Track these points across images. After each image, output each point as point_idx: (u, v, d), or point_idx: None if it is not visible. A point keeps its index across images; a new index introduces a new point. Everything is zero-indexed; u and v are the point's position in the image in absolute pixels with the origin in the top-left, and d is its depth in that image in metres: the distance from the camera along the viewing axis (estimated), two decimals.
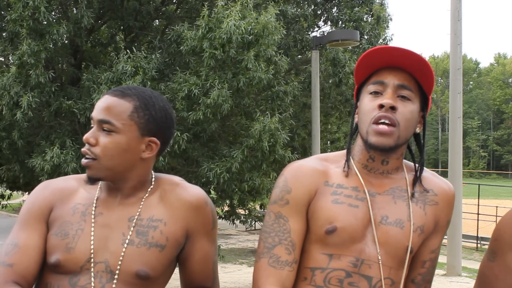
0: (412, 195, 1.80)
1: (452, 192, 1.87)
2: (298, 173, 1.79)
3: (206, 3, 8.89)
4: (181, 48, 9.06)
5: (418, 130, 1.82)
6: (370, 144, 1.73)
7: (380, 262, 1.73)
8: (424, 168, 1.88)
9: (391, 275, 1.75)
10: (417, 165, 1.85)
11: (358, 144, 1.83)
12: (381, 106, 1.71)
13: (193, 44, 8.75)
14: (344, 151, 1.86)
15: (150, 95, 1.79)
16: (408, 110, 1.73)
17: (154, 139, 1.77)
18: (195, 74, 8.93)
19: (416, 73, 1.75)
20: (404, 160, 1.86)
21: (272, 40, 8.91)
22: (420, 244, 1.80)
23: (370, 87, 1.77)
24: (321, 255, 1.75)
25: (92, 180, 1.75)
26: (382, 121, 1.71)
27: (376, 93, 1.75)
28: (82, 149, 1.75)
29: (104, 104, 1.74)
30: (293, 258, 1.74)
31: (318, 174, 1.79)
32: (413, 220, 1.77)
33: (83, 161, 1.74)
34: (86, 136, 1.73)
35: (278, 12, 9.22)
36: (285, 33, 10.97)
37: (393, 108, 1.71)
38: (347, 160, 1.82)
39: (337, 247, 1.73)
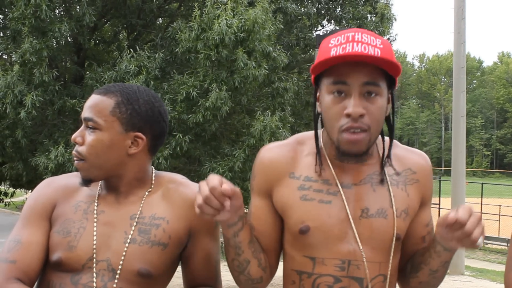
0: (391, 178, 1.72)
1: (429, 164, 1.80)
2: (263, 161, 1.76)
3: (197, 4, 8.88)
4: (176, 49, 9.06)
5: (387, 113, 1.68)
6: (342, 151, 1.63)
7: (365, 260, 1.65)
8: (397, 143, 1.80)
9: (382, 270, 1.67)
10: (385, 150, 1.73)
11: (327, 135, 1.70)
12: (348, 115, 1.59)
13: (188, 45, 8.75)
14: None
15: (135, 90, 1.77)
16: (376, 107, 1.61)
17: (140, 134, 1.74)
18: (193, 74, 8.92)
19: (380, 64, 1.60)
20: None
21: (265, 34, 8.87)
22: (406, 227, 1.72)
23: (332, 87, 1.61)
24: (303, 258, 1.69)
25: (85, 182, 1.74)
26: (353, 130, 1.59)
27: (339, 93, 1.60)
28: (72, 152, 1.76)
29: (89, 103, 1.74)
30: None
31: (284, 163, 1.73)
32: (396, 205, 1.68)
33: (74, 163, 1.75)
34: (73, 135, 1.73)
35: (267, 6, 9.14)
36: (282, 27, 10.92)
37: (361, 116, 1.59)
38: (318, 154, 1.70)
39: (316, 248, 1.66)
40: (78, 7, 9.42)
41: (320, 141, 1.74)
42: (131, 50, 9.06)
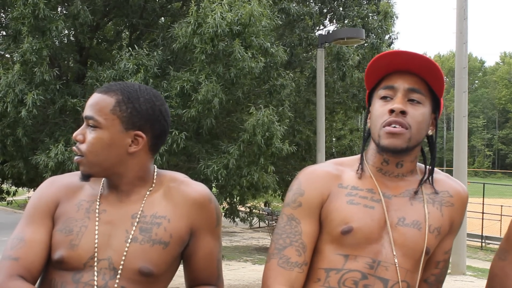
0: (428, 196, 1.81)
1: (466, 194, 1.88)
2: (312, 176, 1.81)
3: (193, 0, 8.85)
4: (173, 46, 9.04)
5: (430, 132, 1.83)
6: (382, 146, 1.74)
7: (397, 264, 1.73)
8: (438, 170, 1.89)
9: (407, 278, 1.74)
10: (428, 167, 1.85)
11: (371, 148, 1.84)
12: (391, 111, 1.73)
13: (185, 41, 8.73)
14: (359, 156, 1.88)
15: (136, 88, 1.77)
16: (419, 113, 1.74)
17: (140, 132, 1.74)
18: (189, 70, 8.89)
19: (426, 76, 1.76)
20: (417, 163, 1.87)
21: (261, 27, 8.82)
22: (436, 244, 1.80)
23: (381, 92, 1.78)
24: (336, 256, 1.74)
25: (84, 177, 1.75)
26: (394, 125, 1.72)
27: (386, 98, 1.77)
28: (73, 147, 1.77)
29: (90, 101, 1.75)
30: (303, 260, 1.75)
31: (331, 177, 1.80)
32: (430, 221, 1.77)
33: (74, 158, 1.76)
34: (75, 133, 1.74)
35: (264, 2, 9.09)
36: (280, 23, 10.88)
37: (403, 113, 1.72)
38: (361, 164, 1.83)
39: (352, 247, 1.73)
40: (73, 5, 9.40)
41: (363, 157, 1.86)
42: (130, 48, 9.05)
